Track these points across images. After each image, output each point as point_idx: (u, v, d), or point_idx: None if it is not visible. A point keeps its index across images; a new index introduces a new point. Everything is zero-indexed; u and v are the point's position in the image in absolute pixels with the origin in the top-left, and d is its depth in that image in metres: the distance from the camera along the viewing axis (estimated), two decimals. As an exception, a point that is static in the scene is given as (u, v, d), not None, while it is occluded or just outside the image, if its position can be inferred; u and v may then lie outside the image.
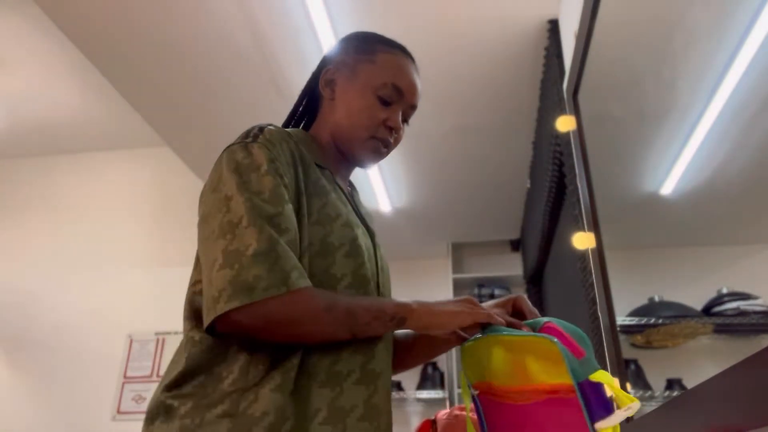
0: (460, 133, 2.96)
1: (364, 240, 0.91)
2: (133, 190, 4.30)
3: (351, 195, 1.04)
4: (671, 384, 1.09)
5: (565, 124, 1.88)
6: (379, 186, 3.40)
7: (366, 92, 0.95)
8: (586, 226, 1.65)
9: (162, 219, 4.14)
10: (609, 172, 1.48)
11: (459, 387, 3.82)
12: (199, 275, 0.85)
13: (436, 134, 2.97)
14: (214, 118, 2.89)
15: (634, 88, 1.24)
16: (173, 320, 3.87)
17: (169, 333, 3.84)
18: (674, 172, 0.99)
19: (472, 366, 0.81)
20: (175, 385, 0.77)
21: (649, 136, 1.13)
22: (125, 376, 3.74)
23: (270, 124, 0.91)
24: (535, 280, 3.52)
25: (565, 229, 2.29)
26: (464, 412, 1.03)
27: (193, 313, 0.83)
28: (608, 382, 0.68)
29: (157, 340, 3.83)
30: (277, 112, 2.81)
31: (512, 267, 4.18)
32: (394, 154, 3.13)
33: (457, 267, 4.29)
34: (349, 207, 0.94)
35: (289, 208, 0.80)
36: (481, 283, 4.15)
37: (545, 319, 0.78)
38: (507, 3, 2.15)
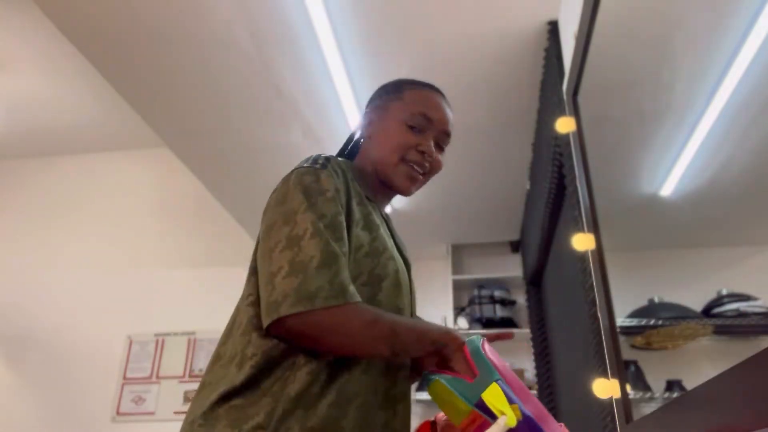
0: (459, 134, 2.94)
1: (403, 273, 0.98)
2: (133, 191, 4.30)
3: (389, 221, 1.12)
4: (671, 385, 1.09)
5: (564, 125, 1.88)
6: (379, 187, 3.39)
7: (398, 125, 1.04)
8: (585, 228, 1.65)
9: (162, 220, 4.14)
10: (609, 173, 1.48)
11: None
12: (252, 289, 0.89)
13: (436, 135, 2.96)
14: (215, 119, 2.89)
15: (633, 89, 1.24)
16: (173, 321, 3.87)
17: (168, 334, 3.84)
18: (674, 174, 0.98)
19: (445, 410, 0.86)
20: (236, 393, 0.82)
21: (648, 138, 1.13)
22: (125, 378, 3.74)
23: (332, 156, 0.99)
24: (535, 281, 3.52)
25: (564, 231, 2.29)
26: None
27: (251, 326, 0.86)
28: (491, 399, 0.73)
29: (157, 342, 3.83)
30: (277, 114, 2.82)
31: (512, 268, 4.17)
32: (394, 156, 3.13)
33: (456, 268, 4.29)
34: (392, 241, 1.01)
35: (345, 235, 0.88)
36: (480, 284, 4.15)
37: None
38: (507, 4, 2.15)
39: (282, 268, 0.81)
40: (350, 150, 1.16)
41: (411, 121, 1.03)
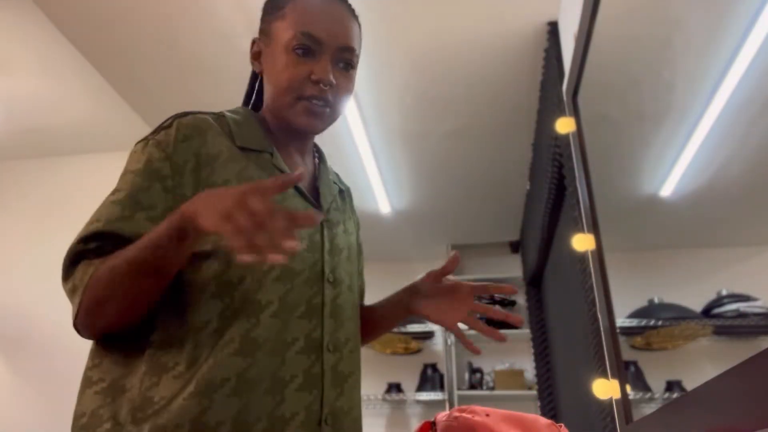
0: (460, 134, 2.96)
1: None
2: (132, 191, 4.30)
3: (318, 168, 0.99)
4: (671, 386, 1.09)
5: (564, 125, 1.88)
6: (379, 187, 3.40)
7: (282, 52, 0.88)
8: (585, 228, 1.65)
9: (162, 220, 4.14)
10: (609, 173, 1.48)
11: (458, 389, 3.82)
12: None
13: (436, 136, 2.97)
14: (214, 119, 2.89)
15: (633, 89, 1.24)
16: (173, 322, 3.86)
17: (168, 334, 3.84)
18: (674, 174, 0.98)
19: None
20: None
21: (648, 138, 1.13)
22: (124, 378, 3.74)
23: (191, 113, 0.86)
24: (534, 281, 3.52)
25: (564, 231, 2.29)
26: (464, 414, 1.03)
27: None
28: None
29: (157, 342, 3.83)
30: (276, 113, 2.82)
31: (512, 269, 4.17)
32: (395, 155, 3.13)
33: (456, 269, 4.29)
34: (290, 191, 0.87)
35: (142, 215, 0.79)
36: (480, 284, 4.15)
37: None
38: (506, 5, 2.15)
39: None
40: (258, 90, 1.03)
41: (296, 44, 0.86)
